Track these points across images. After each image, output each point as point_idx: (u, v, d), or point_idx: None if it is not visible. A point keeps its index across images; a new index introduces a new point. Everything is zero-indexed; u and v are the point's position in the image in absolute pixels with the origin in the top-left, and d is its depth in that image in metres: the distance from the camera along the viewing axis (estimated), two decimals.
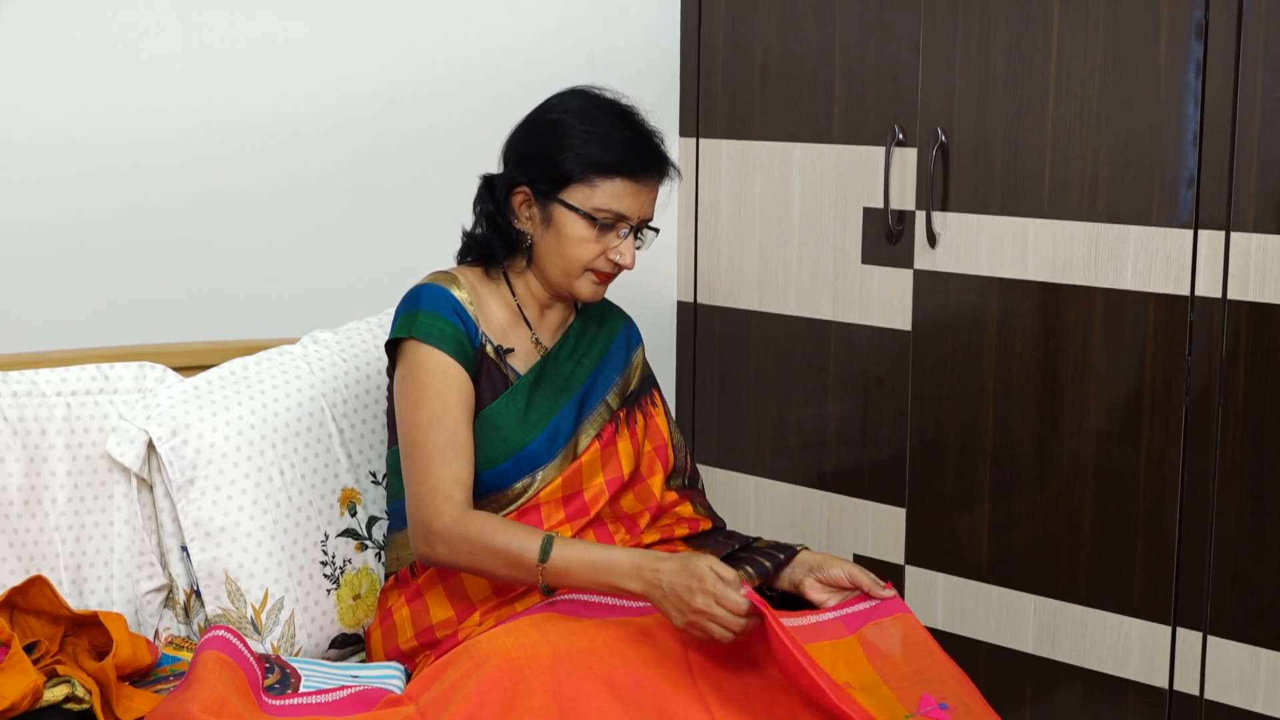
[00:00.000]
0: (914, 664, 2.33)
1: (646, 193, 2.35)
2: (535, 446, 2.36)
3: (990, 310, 2.96)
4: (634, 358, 2.56)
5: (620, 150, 2.33)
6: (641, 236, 2.38)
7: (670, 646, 2.19)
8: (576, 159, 2.32)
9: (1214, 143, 2.66)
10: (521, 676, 2.04)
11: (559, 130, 2.36)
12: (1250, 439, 2.68)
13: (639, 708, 2.06)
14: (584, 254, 2.34)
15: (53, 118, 2.61)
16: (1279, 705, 2.68)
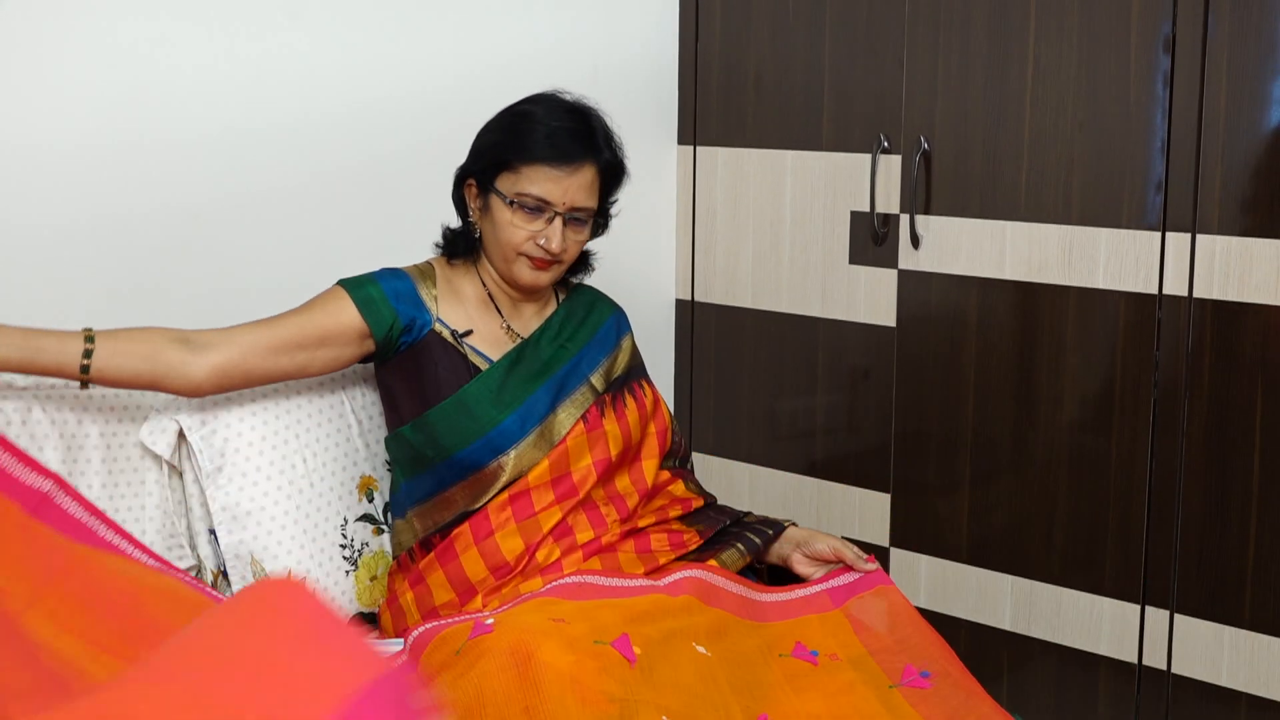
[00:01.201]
0: (897, 635, 2.35)
1: (570, 179, 2.35)
2: (506, 424, 2.37)
3: (970, 308, 2.97)
4: (622, 342, 2.57)
5: (544, 139, 2.35)
6: (579, 225, 2.39)
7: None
8: (506, 148, 2.37)
9: (1180, 150, 2.67)
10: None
11: (500, 125, 2.41)
12: (1214, 429, 2.70)
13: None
14: (513, 238, 2.36)
15: (89, 127, 2.58)
16: (1242, 679, 2.70)
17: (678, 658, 2.15)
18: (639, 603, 2.23)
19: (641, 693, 2.05)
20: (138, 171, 2.65)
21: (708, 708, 2.09)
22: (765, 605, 2.39)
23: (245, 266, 2.79)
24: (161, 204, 2.68)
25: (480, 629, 2.12)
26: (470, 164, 2.43)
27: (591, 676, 2.02)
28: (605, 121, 2.43)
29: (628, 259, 3.15)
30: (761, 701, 2.17)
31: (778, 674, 2.25)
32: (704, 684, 2.14)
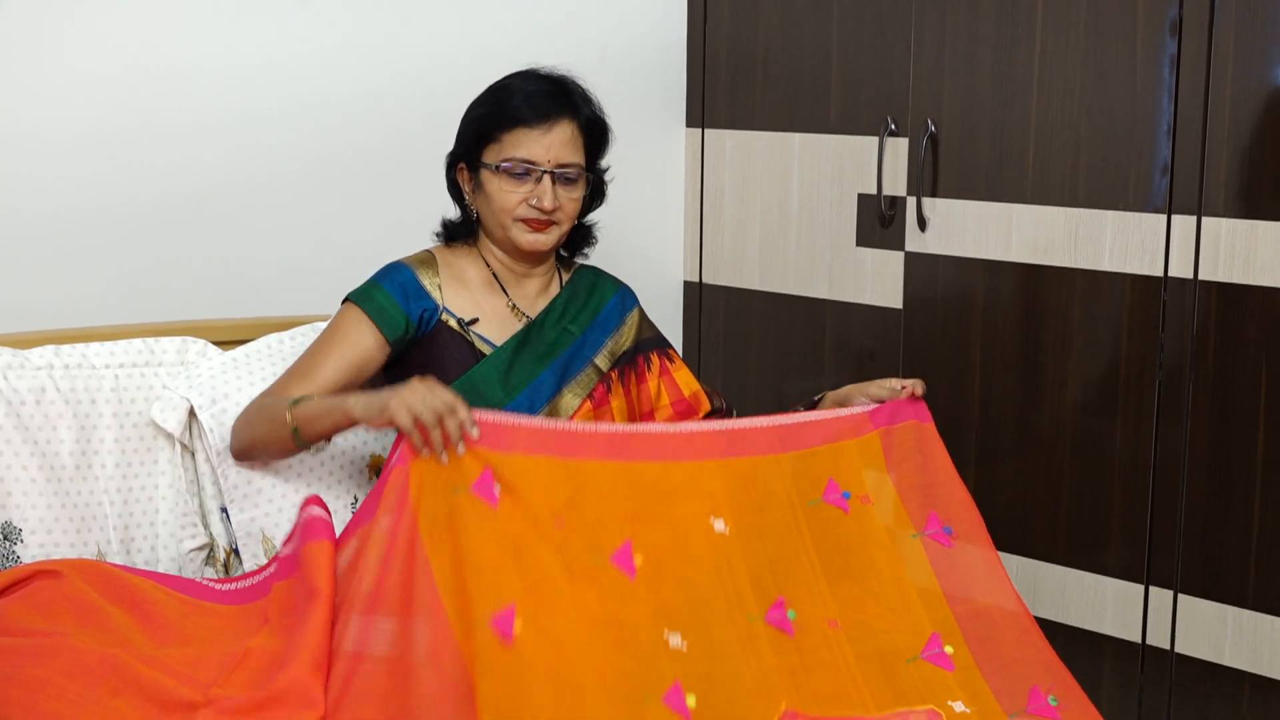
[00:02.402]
0: (927, 477, 2.34)
1: (549, 136, 2.33)
2: (514, 406, 2.35)
3: (976, 290, 2.95)
4: (628, 318, 2.54)
5: (516, 104, 2.34)
6: (569, 183, 2.36)
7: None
8: (486, 123, 2.36)
9: (1186, 133, 2.65)
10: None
11: (479, 102, 2.41)
12: (1219, 411, 2.68)
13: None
14: (506, 203, 2.34)
15: (104, 114, 2.62)
16: (1245, 659, 2.69)
17: (687, 548, 2.13)
18: (646, 472, 2.19)
19: (641, 610, 2.04)
20: (161, 158, 2.70)
21: (719, 605, 2.09)
22: (805, 428, 2.35)
23: (251, 250, 2.81)
24: (165, 191, 2.72)
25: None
26: (457, 147, 2.42)
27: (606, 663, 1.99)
28: (582, 85, 2.42)
29: (636, 240, 3.17)
30: (782, 583, 2.16)
31: (805, 538, 2.22)
32: (716, 576, 2.12)
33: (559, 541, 2.06)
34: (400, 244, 2.50)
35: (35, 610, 2.01)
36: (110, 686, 1.91)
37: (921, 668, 2.17)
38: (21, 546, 2.24)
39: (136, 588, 2.12)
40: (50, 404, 2.30)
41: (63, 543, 2.27)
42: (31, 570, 2.11)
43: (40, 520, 2.26)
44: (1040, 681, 2.22)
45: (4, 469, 2.24)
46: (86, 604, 2.04)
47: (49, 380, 2.32)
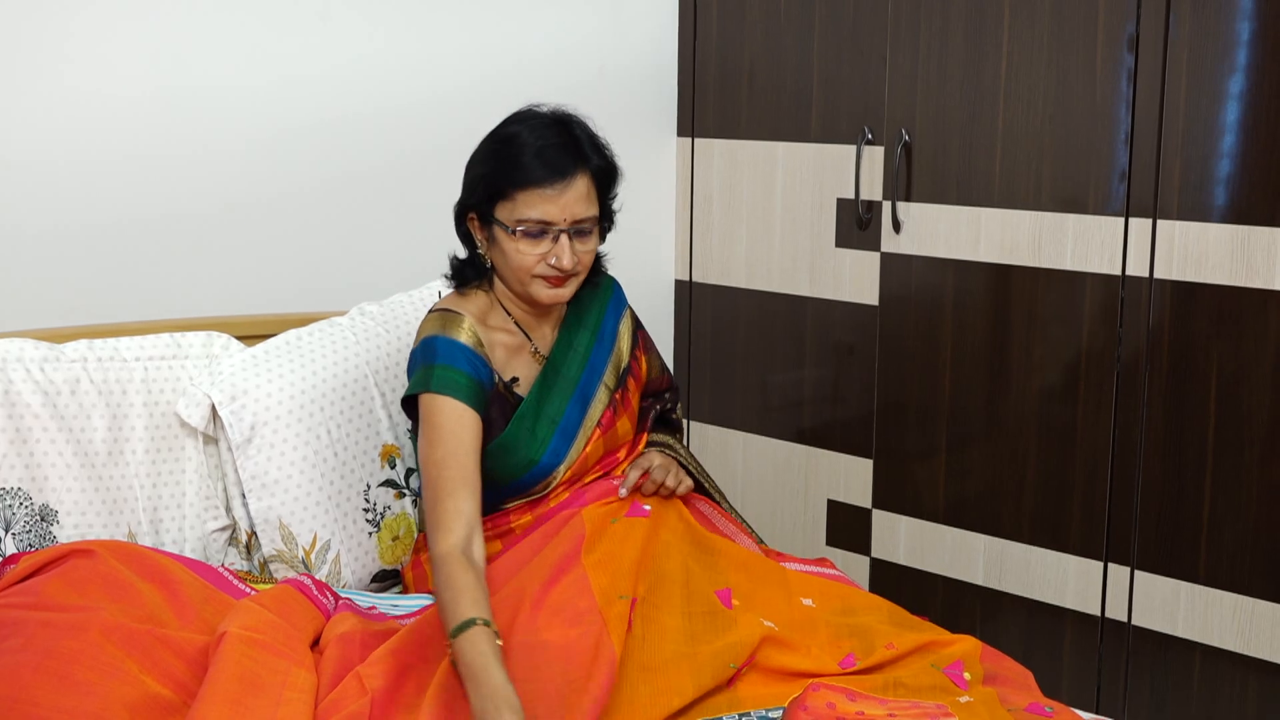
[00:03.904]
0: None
1: (565, 195, 2.16)
2: (546, 460, 2.28)
3: (947, 288, 2.95)
4: (620, 328, 2.42)
5: (527, 164, 2.16)
6: (585, 236, 2.21)
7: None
8: (497, 180, 2.19)
9: (1143, 141, 2.65)
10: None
11: (487, 154, 2.23)
12: (1173, 400, 2.68)
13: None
14: (524, 262, 2.19)
15: (138, 129, 2.61)
16: (1196, 630, 2.69)
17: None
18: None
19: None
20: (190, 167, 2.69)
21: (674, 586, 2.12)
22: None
23: (272, 253, 2.80)
24: (193, 199, 2.71)
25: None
26: (466, 197, 2.25)
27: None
28: (588, 127, 2.26)
29: (630, 243, 3.17)
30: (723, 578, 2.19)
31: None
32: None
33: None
34: (411, 246, 2.49)
35: (70, 586, 2.01)
36: (139, 658, 1.92)
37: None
38: (58, 527, 2.24)
39: (166, 567, 2.13)
40: (84, 394, 2.30)
41: (96, 524, 2.27)
42: (67, 549, 2.12)
43: (75, 503, 2.26)
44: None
45: (41, 455, 2.24)
46: (119, 580, 2.05)
47: (83, 372, 2.31)
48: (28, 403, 2.23)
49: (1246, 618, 2.62)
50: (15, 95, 2.48)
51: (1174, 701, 2.73)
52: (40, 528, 2.22)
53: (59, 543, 2.22)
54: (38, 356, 2.28)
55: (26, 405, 2.23)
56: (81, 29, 2.53)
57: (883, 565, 3.13)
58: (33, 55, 2.49)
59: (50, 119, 2.52)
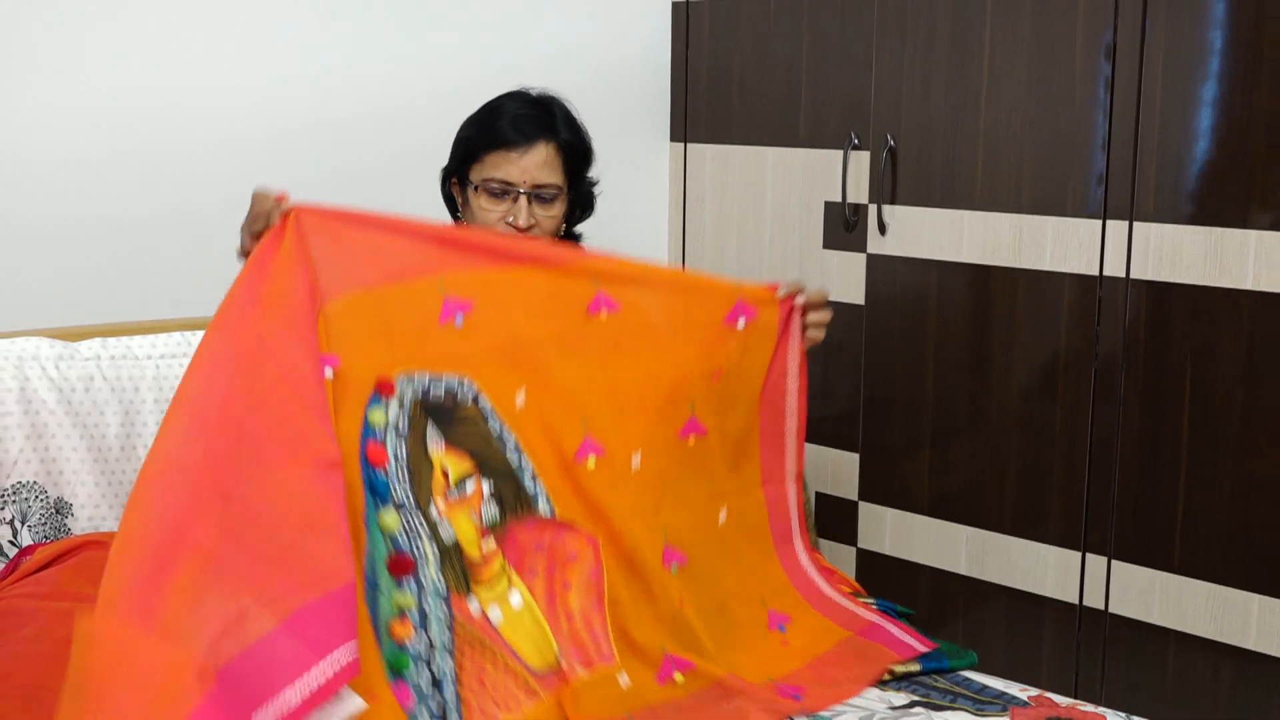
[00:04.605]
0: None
1: (526, 158, 2.24)
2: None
3: (931, 288, 2.96)
4: None
5: (497, 128, 2.26)
6: (546, 202, 2.26)
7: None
8: (472, 143, 2.29)
9: (1120, 146, 2.65)
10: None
11: (470, 123, 2.34)
12: (1149, 396, 2.68)
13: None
14: (486, 220, 2.26)
15: (143, 132, 2.62)
16: (1171, 618, 2.69)
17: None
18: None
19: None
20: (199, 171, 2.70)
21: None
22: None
23: None
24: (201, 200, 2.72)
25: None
26: (450, 162, 2.35)
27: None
28: (567, 108, 2.33)
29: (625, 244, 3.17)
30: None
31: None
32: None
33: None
34: None
35: (84, 578, 2.01)
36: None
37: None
38: (72, 519, 2.25)
39: None
40: (98, 391, 2.30)
41: (109, 516, 2.27)
42: (80, 541, 2.12)
43: (89, 496, 2.27)
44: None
45: (56, 450, 2.24)
46: None
47: (96, 370, 2.31)
48: (43, 399, 2.24)
49: (1219, 605, 2.63)
50: (30, 98, 2.49)
51: (1149, 686, 2.74)
52: (55, 520, 2.23)
53: (73, 535, 2.23)
54: (53, 355, 2.28)
55: (42, 402, 2.23)
56: (94, 32, 2.54)
57: (869, 556, 3.14)
58: (45, 57, 2.50)
59: (63, 122, 2.53)
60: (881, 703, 2.08)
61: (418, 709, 1.82)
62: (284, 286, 1.90)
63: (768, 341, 2.26)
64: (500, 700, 1.89)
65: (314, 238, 1.93)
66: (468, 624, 1.93)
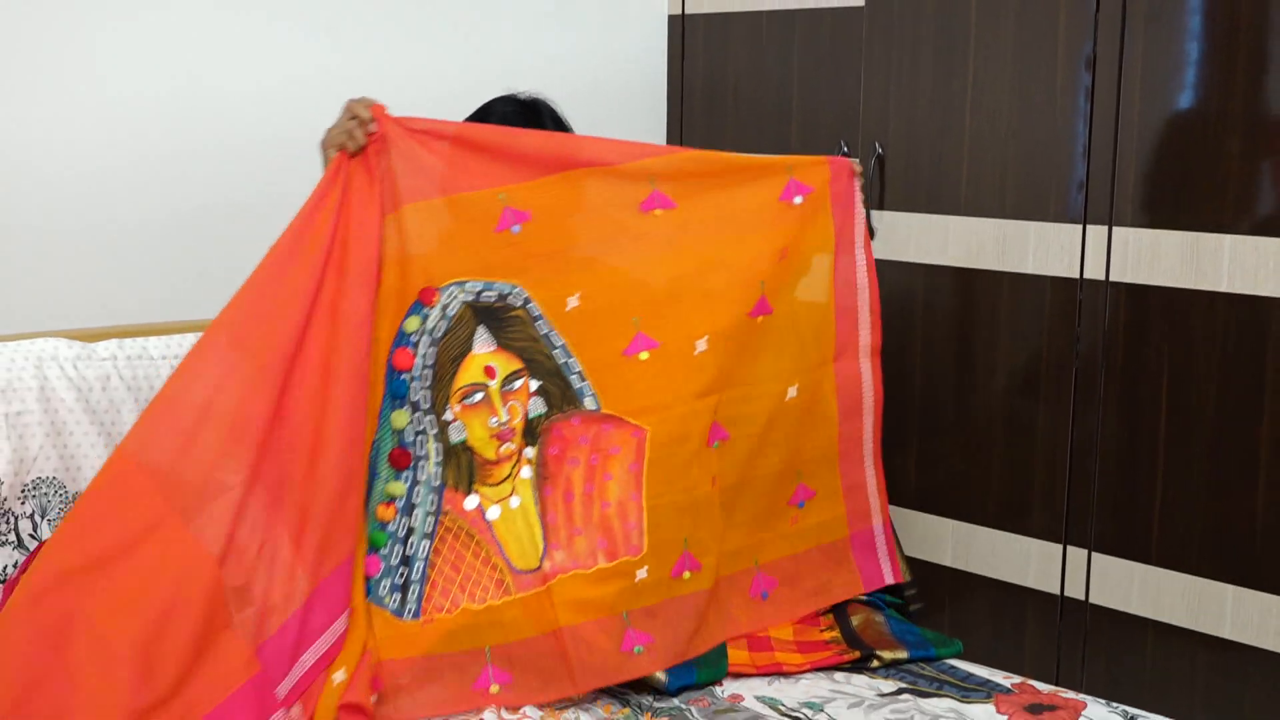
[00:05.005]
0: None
1: None
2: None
3: (917, 290, 2.96)
4: None
5: (492, 124, 2.27)
6: None
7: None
8: None
9: (1099, 154, 2.66)
10: None
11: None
12: (1127, 394, 2.69)
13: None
14: None
15: (160, 139, 2.62)
16: (1149, 608, 2.70)
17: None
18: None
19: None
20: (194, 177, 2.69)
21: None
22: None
23: None
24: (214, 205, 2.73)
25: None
26: None
27: None
28: (554, 108, 2.33)
29: None
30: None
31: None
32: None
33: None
34: None
35: None
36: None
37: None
38: None
39: None
40: (115, 390, 2.30)
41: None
42: None
43: None
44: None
45: (75, 447, 2.24)
46: None
47: (113, 370, 2.31)
48: (62, 398, 2.24)
49: (1195, 596, 2.64)
50: (49, 108, 2.49)
51: (1128, 674, 2.74)
52: None
53: None
54: (71, 355, 2.28)
55: (61, 400, 2.24)
56: (112, 42, 2.54)
57: None
58: (64, 66, 2.50)
59: (81, 132, 2.53)
60: (870, 690, 2.09)
61: (380, 579, 1.98)
62: (359, 219, 2.01)
63: (826, 215, 2.26)
64: (467, 588, 1.99)
65: (395, 149, 2.03)
66: (459, 517, 2.03)
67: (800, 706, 2.02)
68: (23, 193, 2.48)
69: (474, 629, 1.97)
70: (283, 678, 1.85)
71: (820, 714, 2.00)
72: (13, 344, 2.25)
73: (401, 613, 1.99)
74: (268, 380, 1.91)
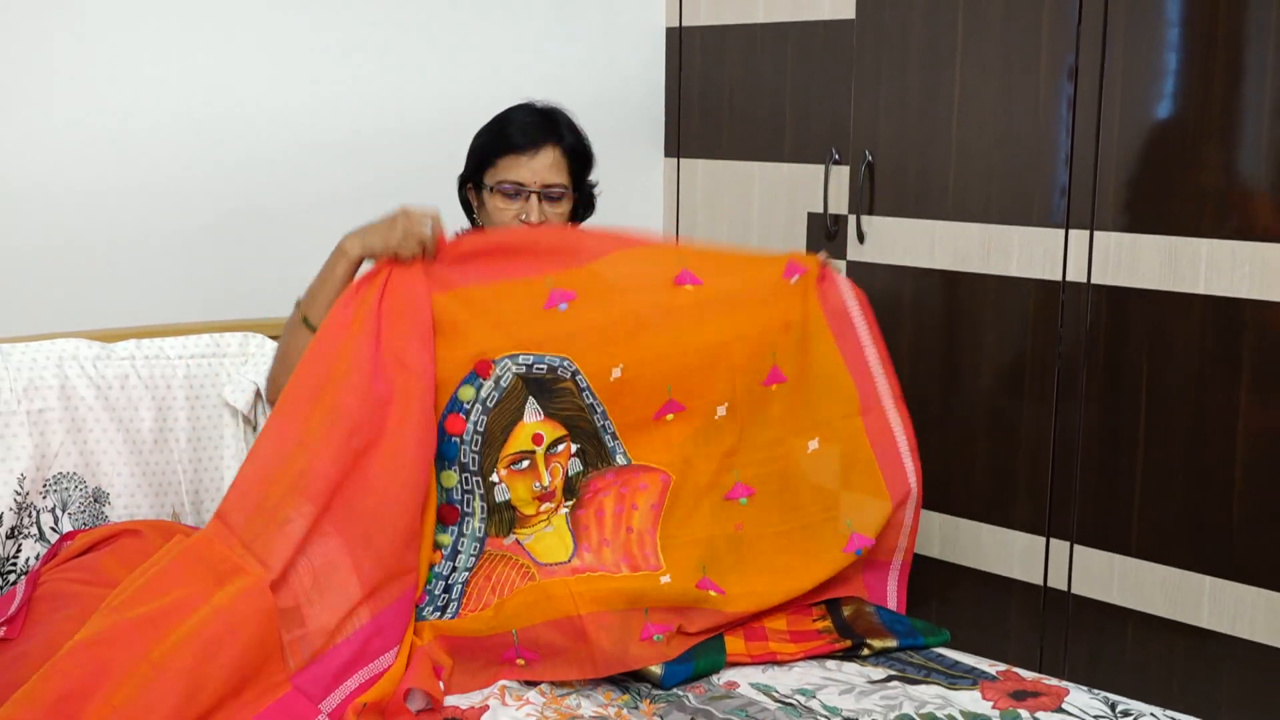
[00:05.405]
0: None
1: (535, 161, 2.30)
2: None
3: (906, 292, 2.96)
4: None
5: (511, 133, 2.32)
6: (554, 200, 2.32)
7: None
8: (484, 149, 2.34)
9: (1081, 160, 2.66)
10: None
11: (482, 132, 2.38)
12: (1108, 393, 2.69)
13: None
14: (501, 218, 2.31)
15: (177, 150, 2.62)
16: (1130, 598, 2.70)
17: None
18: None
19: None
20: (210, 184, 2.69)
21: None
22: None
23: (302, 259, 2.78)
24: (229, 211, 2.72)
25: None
26: (465, 169, 2.40)
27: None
28: (569, 117, 2.38)
29: None
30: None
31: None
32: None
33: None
34: None
35: (121, 563, 2.02)
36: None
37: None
38: (109, 508, 2.25)
39: None
40: (133, 389, 2.31)
41: (144, 505, 2.28)
42: (117, 529, 2.13)
43: (125, 486, 2.27)
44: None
45: (94, 443, 2.25)
46: None
47: (132, 369, 2.32)
48: (82, 396, 2.24)
49: (1174, 587, 2.64)
50: (73, 122, 2.49)
51: (1109, 661, 2.75)
52: (94, 508, 2.24)
53: (110, 522, 2.23)
54: (91, 355, 2.29)
55: (81, 398, 2.24)
56: (132, 56, 2.54)
57: None
58: (84, 82, 2.50)
59: (101, 143, 2.53)
60: (861, 677, 2.10)
61: (425, 604, 2.09)
62: (409, 322, 2.10)
63: (810, 296, 2.38)
64: (499, 590, 2.08)
65: (444, 257, 2.17)
66: (495, 550, 2.13)
67: (793, 693, 2.02)
68: (46, 202, 2.48)
69: (502, 616, 2.04)
70: (324, 696, 1.90)
71: (813, 700, 2.00)
72: (35, 344, 2.26)
73: (441, 618, 2.09)
74: (339, 427, 2.00)
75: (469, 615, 2.07)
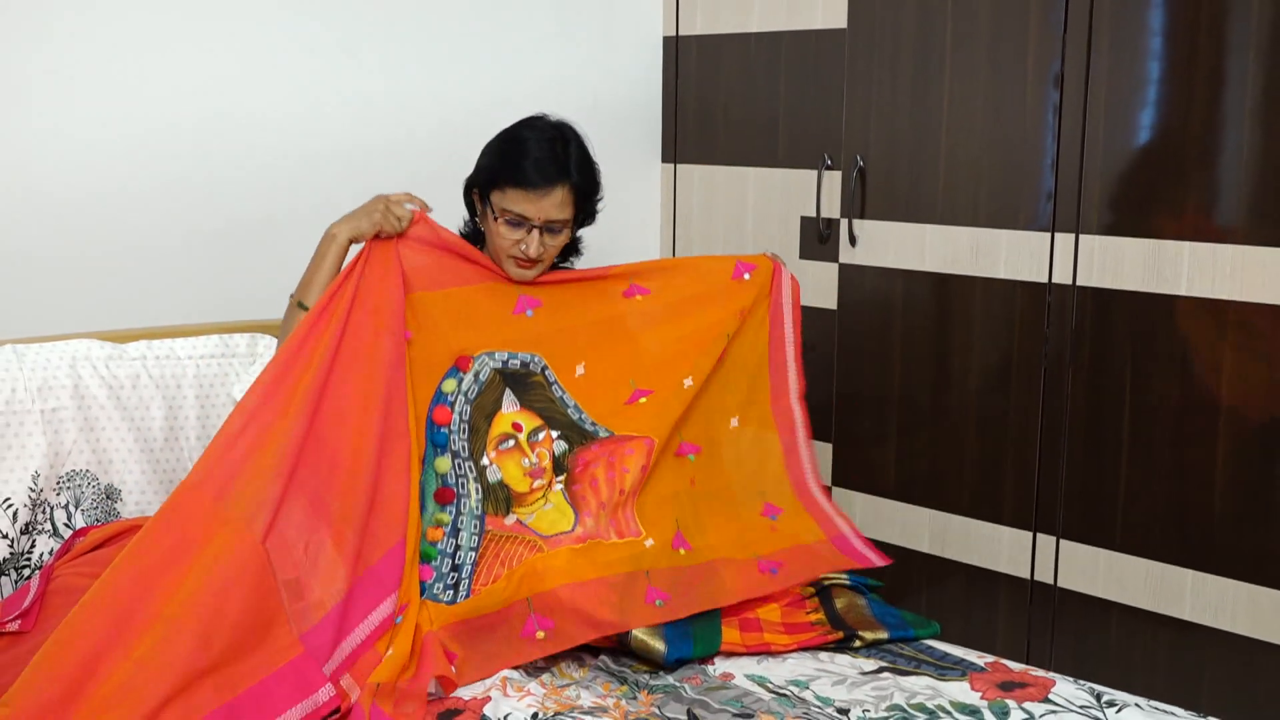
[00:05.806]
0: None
1: (544, 200, 2.28)
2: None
3: (896, 294, 2.96)
4: None
5: (522, 168, 2.28)
6: (554, 233, 2.31)
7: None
8: (497, 171, 2.31)
9: (1067, 166, 2.66)
10: None
11: (497, 148, 2.36)
12: (1093, 391, 2.69)
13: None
14: (502, 243, 2.31)
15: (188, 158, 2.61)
16: (1114, 591, 2.70)
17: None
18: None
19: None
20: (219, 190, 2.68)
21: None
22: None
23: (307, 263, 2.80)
24: (237, 216, 2.72)
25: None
26: (474, 176, 2.39)
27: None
28: (584, 146, 2.35)
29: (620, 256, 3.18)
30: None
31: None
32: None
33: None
34: None
35: None
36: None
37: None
38: (121, 504, 2.25)
39: None
40: (144, 388, 2.31)
41: (155, 501, 2.28)
42: (128, 525, 2.13)
43: (136, 483, 2.27)
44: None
45: (106, 441, 2.25)
46: None
47: (143, 369, 2.32)
48: (95, 395, 2.24)
49: (1157, 580, 2.64)
50: (85, 127, 2.49)
51: (1094, 652, 2.75)
52: (106, 505, 2.23)
53: (122, 518, 2.23)
54: (103, 355, 2.28)
55: (94, 398, 2.24)
56: (145, 63, 2.54)
57: None
58: (98, 88, 2.49)
59: (114, 148, 2.53)
60: (853, 668, 2.09)
61: (433, 582, 2.13)
62: (386, 285, 2.19)
63: (764, 291, 2.52)
64: (507, 562, 2.17)
65: (409, 249, 2.26)
66: (498, 531, 2.20)
67: (787, 684, 2.02)
68: (60, 207, 2.47)
69: (514, 585, 2.12)
70: (328, 658, 1.92)
71: (806, 691, 1.99)
72: (49, 345, 2.25)
73: (455, 600, 2.13)
74: (302, 409, 2.03)
75: (482, 590, 2.12)
